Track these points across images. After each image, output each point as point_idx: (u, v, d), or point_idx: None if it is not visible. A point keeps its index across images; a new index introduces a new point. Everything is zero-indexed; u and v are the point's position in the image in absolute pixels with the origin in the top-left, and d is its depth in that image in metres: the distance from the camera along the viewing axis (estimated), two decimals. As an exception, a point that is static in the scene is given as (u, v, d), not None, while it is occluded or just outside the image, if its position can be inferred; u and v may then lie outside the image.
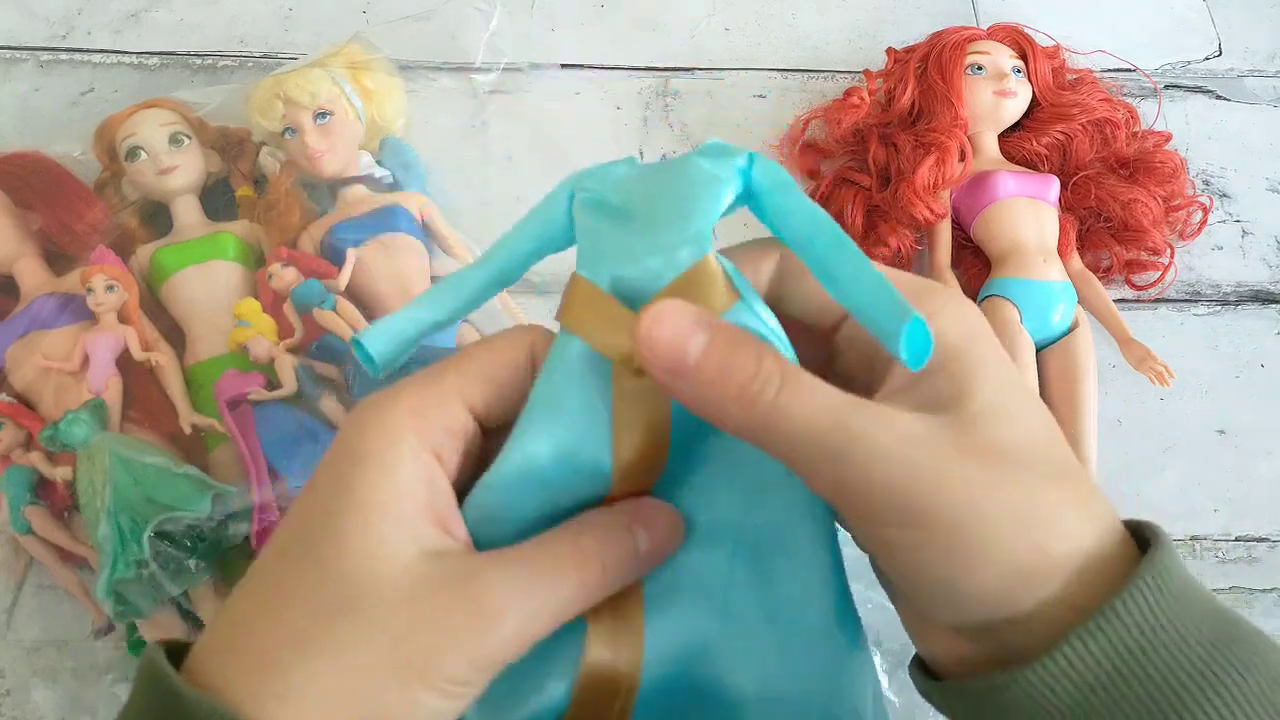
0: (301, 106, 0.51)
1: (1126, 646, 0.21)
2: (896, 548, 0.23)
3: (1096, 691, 0.21)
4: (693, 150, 0.24)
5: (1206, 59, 0.65)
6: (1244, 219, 0.58)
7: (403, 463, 0.22)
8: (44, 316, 0.48)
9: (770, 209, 0.24)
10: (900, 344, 0.21)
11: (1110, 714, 0.21)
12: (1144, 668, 0.21)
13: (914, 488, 0.22)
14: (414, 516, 0.22)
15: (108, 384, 0.46)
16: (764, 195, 0.24)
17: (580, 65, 0.62)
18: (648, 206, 0.24)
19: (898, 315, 0.21)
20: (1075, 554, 0.22)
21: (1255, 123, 0.62)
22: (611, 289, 0.23)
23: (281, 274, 0.49)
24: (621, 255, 0.23)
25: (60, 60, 0.61)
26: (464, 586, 0.22)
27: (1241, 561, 0.48)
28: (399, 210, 0.51)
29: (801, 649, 0.26)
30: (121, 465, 0.42)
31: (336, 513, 0.22)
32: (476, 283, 0.26)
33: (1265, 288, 0.56)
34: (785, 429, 0.22)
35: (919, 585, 0.23)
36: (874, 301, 0.22)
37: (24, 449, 0.45)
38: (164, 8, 0.63)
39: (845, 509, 0.23)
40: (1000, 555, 0.22)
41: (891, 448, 0.22)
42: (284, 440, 0.44)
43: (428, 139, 0.57)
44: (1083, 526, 0.23)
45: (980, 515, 0.22)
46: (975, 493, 0.22)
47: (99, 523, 0.41)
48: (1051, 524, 0.22)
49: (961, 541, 0.22)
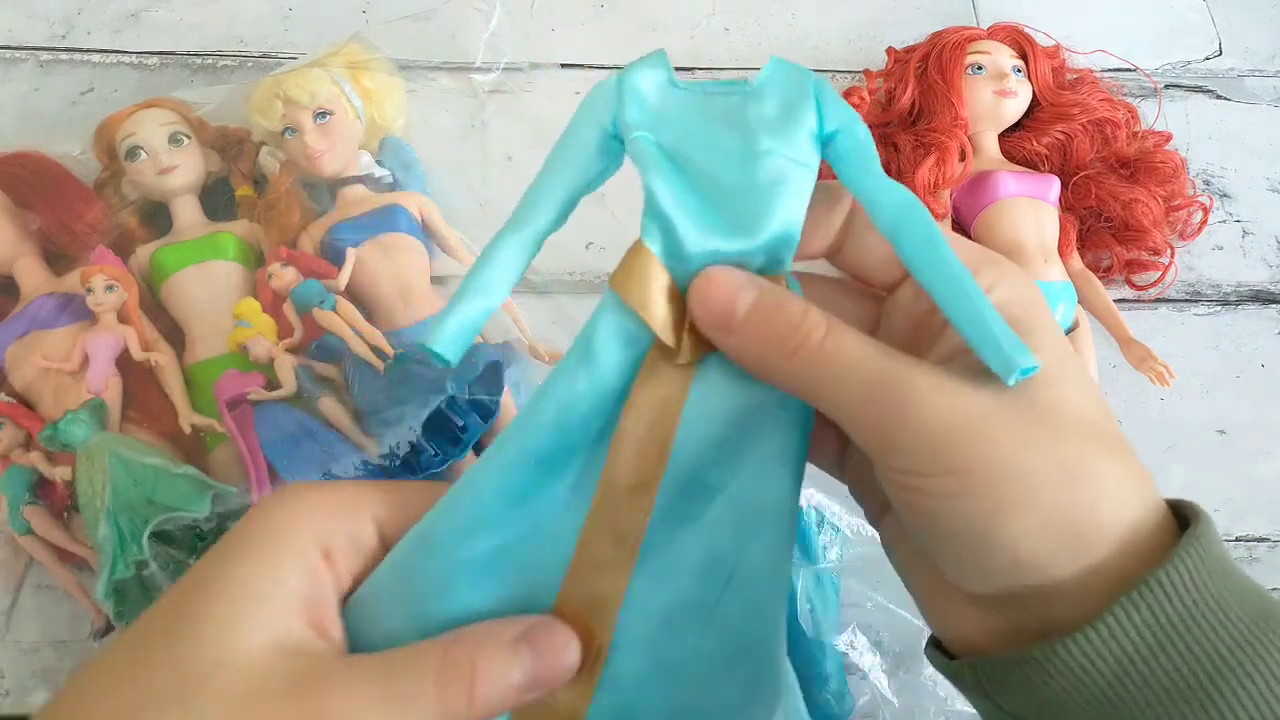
0: (301, 106, 0.51)
1: (1169, 618, 0.21)
2: (933, 496, 0.22)
3: (1136, 664, 0.21)
4: (755, 90, 0.24)
5: (1207, 59, 0.65)
6: (1244, 219, 0.58)
7: (285, 553, 0.22)
8: (44, 316, 0.48)
9: (849, 178, 0.24)
10: (1013, 374, 0.21)
11: (1147, 688, 0.21)
12: (1185, 641, 0.21)
13: (959, 434, 0.21)
14: (281, 609, 0.21)
15: (107, 384, 0.46)
16: (843, 162, 0.24)
17: (580, 65, 0.62)
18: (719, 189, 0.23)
19: (1008, 349, 0.21)
20: (1120, 522, 0.22)
21: (1255, 123, 0.62)
22: (666, 261, 0.23)
23: (281, 274, 0.49)
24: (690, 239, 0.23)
25: (60, 60, 0.61)
26: (307, 691, 0.20)
27: (1242, 561, 0.48)
28: (399, 210, 0.51)
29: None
30: (121, 465, 0.42)
31: (203, 591, 0.21)
32: (519, 250, 0.25)
33: (1265, 288, 0.56)
34: (831, 371, 0.22)
35: (950, 540, 0.23)
36: (974, 318, 0.22)
37: (24, 449, 0.45)
38: (164, 8, 0.63)
39: (883, 455, 0.23)
40: (1043, 509, 0.21)
41: (938, 393, 0.22)
42: (284, 440, 0.44)
43: (428, 139, 0.57)
44: (1129, 496, 0.22)
45: (1025, 467, 0.21)
46: (1022, 445, 0.21)
47: (99, 523, 0.41)
48: (1099, 487, 0.22)
49: (1003, 490, 0.21)
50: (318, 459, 0.43)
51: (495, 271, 0.25)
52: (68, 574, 0.44)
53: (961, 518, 0.22)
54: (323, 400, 0.46)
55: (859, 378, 0.22)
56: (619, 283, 0.24)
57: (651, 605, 0.25)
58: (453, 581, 0.24)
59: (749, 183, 0.23)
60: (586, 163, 0.25)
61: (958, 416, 0.21)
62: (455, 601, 0.24)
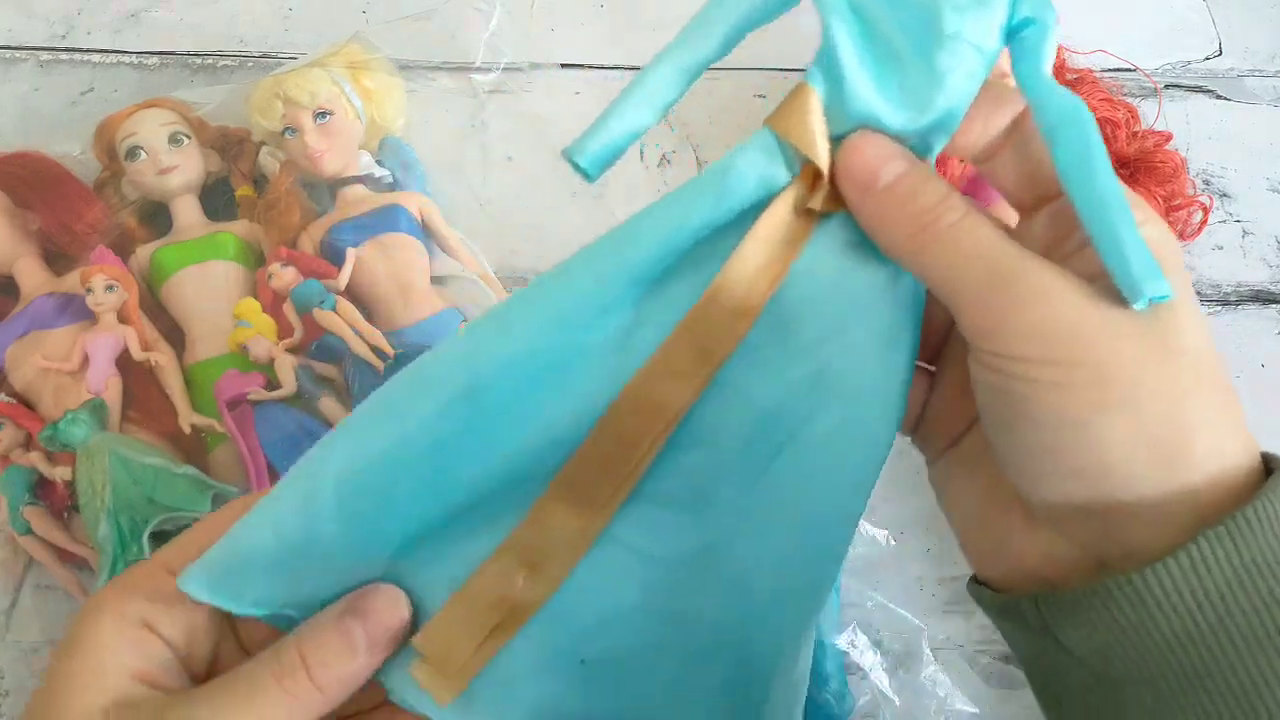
0: (301, 106, 0.51)
1: (1254, 558, 0.20)
2: (1036, 383, 0.22)
3: (1214, 602, 0.20)
4: None
5: (1206, 59, 0.65)
6: (1244, 219, 0.58)
7: (101, 634, 0.25)
8: (44, 316, 0.48)
9: (1024, 72, 0.24)
10: (1139, 298, 0.21)
11: (1222, 629, 0.20)
12: (1268, 583, 0.20)
13: (1077, 330, 0.21)
14: (114, 678, 0.24)
15: (107, 384, 0.46)
16: (1024, 54, 0.23)
17: (580, 65, 0.62)
18: (895, 57, 0.23)
19: (1142, 271, 0.21)
20: (1215, 455, 0.22)
21: (1255, 123, 0.62)
22: (827, 112, 0.24)
23: (281, 274, 0.49)
24: (855, 97, 0.23)
25: (60, 60, 0.61)
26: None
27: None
28: (399, 210, 0.51)
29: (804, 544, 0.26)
30: (121, 465, 0.42)
31: (49, 689, 0.24)
32: (677, 75, 0.25)
33: (1265, 288, 0.56)
34: (958, 250, 0.23)
35: (1041, 432, 0.22)
36: (1114, 234, 0.22)
37: (23, 449, 0.45)
38: (164, 8, 0.63)
39: (992, 339, 0.22)
40: (1144, 418, 0.21)
41: (1065, 291, 0.22)
42: (284, 440, 0.44)
43: (427, 139, 0.57)
44: (1228, 434, 0.22)
45: (1135, 376, 0.21)
46: (1137, 357, 0.21)
47: (99, 523, 0.41)
48: (1202, 416, 0.22)
49: (1109, 391, 0.21)
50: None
51: (649, 92, 0.25)
52: (68, 574, 0.44)
53: (1060, 408, 0.22)
54: (323, 400, 0.46)
55: (987, 262, 0.22)
56: (778, 120, 0.24)
57: (707, 432, 0.26)
58: (524, 369, 0.24)
59: (927, 60, 0.23)
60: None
61: (1080, 315, 0.22)
62: (519, 381, 0.24)
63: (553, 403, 0.25)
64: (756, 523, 0.26)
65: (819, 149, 0.24)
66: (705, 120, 0.60)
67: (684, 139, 0.59)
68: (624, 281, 0.24)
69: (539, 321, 0.24)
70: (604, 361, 0.25)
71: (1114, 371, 0.21)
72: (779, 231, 0.24)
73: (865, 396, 0.25)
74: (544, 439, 0.25)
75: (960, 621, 0.47)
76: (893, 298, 0.25)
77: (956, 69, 0.23)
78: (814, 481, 0.26)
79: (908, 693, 0.45)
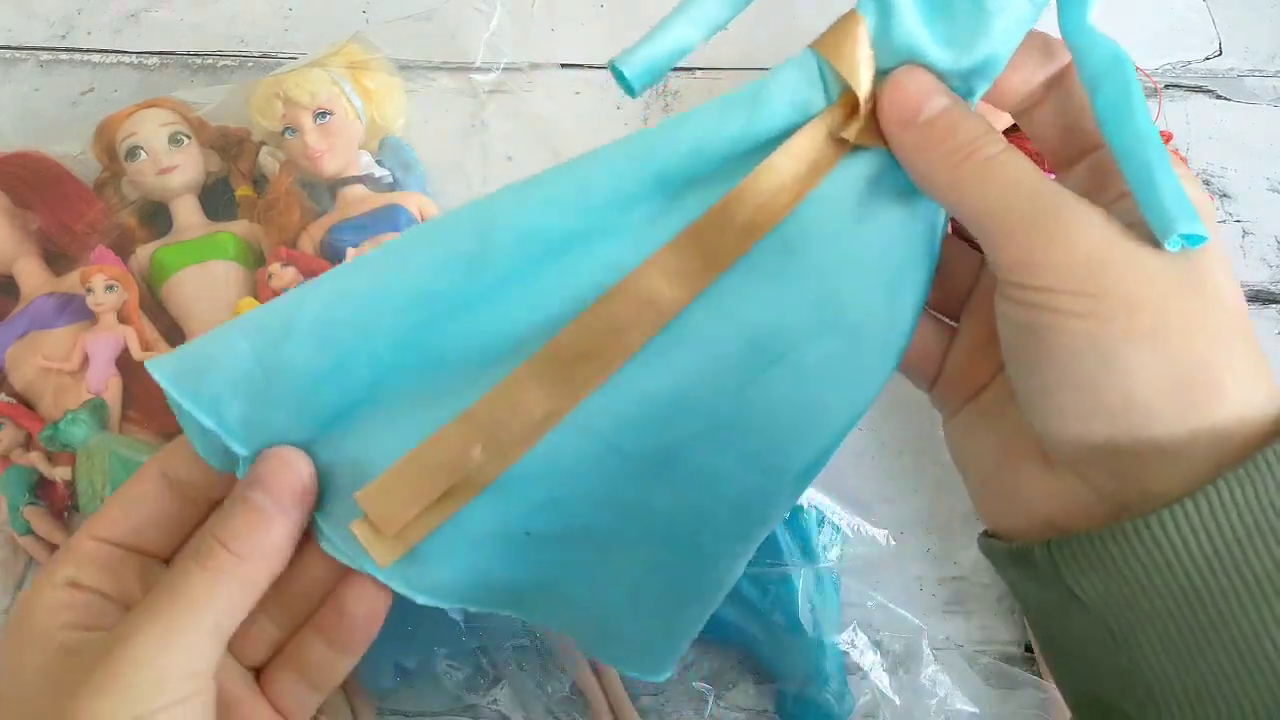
0: (301, 106, 0.51)
1: (1271, 502, 0.20)
2: (1064, 314, 0.22)
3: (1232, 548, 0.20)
4: None
5: (1206, 59, 0.65)
6: (1244, 219, 0.58)
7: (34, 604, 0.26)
8: (44, 317, 0.48)
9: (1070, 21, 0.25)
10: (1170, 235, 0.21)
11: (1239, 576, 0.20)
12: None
13: (1109, 262, 0.21)
14: (44, 633, 0.25)
15: (107, 384, 0.46)
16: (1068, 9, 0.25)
17: (580, 65, 0.62)
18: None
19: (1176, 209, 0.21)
20: (1240, 396, 0.21)
21: (1255, 123, 0.62)
22: (873, 43, 0.24)
23: (281, 274, 0.49)
24: (902, 31, 0.24)
25: (60, 60, 0.61)
26: (100, 661, 0.23)
27: (1242, 561, 0.48)
28: (399, 210, 0.51)
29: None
30: (122, 465, 0.42)
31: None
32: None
33: (1265, 288, 0.56)
34: (997, 180, 0.23)
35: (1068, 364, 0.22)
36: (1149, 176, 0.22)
37: (23, 449, 0.45)
38: (164, 8, 0.63)
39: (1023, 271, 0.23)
40: (1171, 350, 0.21)
41: (1098, 225, 0.22)
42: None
43: (427, 139, 0.57)
44: (1253, 377, 0.22)
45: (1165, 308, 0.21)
46: (1168, 292, 0.21)
47: (99, 523, 0.41)
48: (1228, 357, 0.22)
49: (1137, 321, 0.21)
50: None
51: (700, 10, 0.26)
52: None
53: (1087, 338, 0.22)
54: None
55: (1022, 194, 0.22)
56: (825, 44, 0.25)
57: (697, 335, 0.26)
58: (519, 250, 0.25)
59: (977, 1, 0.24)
60: None
61: (1112, 248, 0.22)
62: (511, 269, 0.25)
63: (551, 282, 0.25)
64: (728, 433, 0.26)
65: (860, 77, 0.24)
66: (705, 120, 0.60)
67: (684, 139, 0.59)
68: (649, 180, 0.25)
69: (559, 202, 0.25)
70: (610, 252, 0.26)
71: (1143, 302, 0.21)
72: (806, 154, 0.25)
73: (864, 334, 0.26)
74: (534, 317, 0.26)
75: (960, 621, 0.47)
76: (907, 241, 0.26)
77: (1004, 12, 0.23)
78: (794, 406, 0.26)
79: (908, 693, 0.45)
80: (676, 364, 0.26)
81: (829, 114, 0.25)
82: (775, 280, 0.26)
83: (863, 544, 0.47)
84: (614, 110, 0.60)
